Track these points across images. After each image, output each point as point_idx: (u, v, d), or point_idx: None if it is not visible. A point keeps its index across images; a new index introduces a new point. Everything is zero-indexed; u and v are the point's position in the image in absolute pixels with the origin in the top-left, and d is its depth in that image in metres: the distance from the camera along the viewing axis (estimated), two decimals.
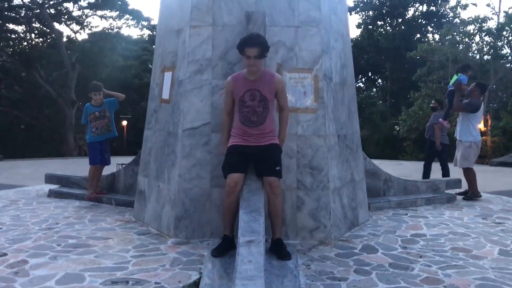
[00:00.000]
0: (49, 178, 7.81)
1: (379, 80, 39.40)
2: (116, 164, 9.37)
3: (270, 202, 4.18)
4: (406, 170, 12.70)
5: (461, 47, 25.40)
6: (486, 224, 5.77)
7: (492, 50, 24.75)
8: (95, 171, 6.92)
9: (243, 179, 4.17)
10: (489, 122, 25.04)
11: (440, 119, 8.52)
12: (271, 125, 4.37)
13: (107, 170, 7.35)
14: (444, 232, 5.32)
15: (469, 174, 7.54)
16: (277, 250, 4.13)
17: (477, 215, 6.25)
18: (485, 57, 25.92)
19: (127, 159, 8.47)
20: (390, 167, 10.04)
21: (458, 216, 6.20)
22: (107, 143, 7.06)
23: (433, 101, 9.99)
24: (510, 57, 25.50)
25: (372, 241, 4.89)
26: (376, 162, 7.43)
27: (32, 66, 24.90)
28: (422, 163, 9.90)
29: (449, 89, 8.19)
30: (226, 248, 4.14)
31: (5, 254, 4.32)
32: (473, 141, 7.35)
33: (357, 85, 36.56)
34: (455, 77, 7.92)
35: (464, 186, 7.78)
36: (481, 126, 24.65)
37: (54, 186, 7.68)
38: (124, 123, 31.11)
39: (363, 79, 38.64)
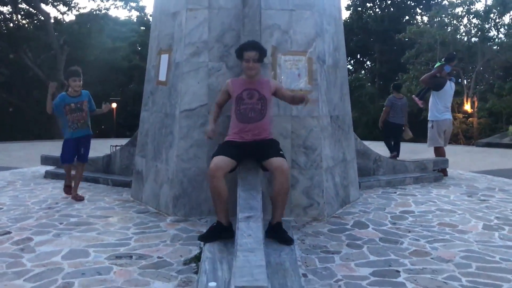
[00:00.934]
0: (45, 160, 7.90)
1: (368, 62, 39.61)
2: (110, 146, 9.48)
3: (278, 182, 3.94)
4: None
5: (449, 29, 25.63)
6: (472, 201, 6.01)
7: (479, 33, 25.02)
8: (69, 168, 6.03)
9: (229, 166, 3.98)
10: (476, 104, 25.43)
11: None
12: (269, 125, 4.34)
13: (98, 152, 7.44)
14: (432, 209, 5.55)
15: (437, 153, 7.87)
16: (277, 234, 3.97)
17: (463, 193, 6.50)
18: (473, 39, 26.21)
19: (119, 141, 8.57)
20: (379, 148, 10.22)
21: (445, 194, 6.44)
22: (87, 139, 6.07)
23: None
24: (497, 40, 25.75)
25: (363, 218, 5.10)
26: (365, 143, 7.65)
27: (20, 48, 24.61)
28: (410, 144, 10.19)
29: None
30: (216, 235, 3.93)
31: (9, 232, 4.46)
32: (434, 120, 7.61)
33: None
34: (438, 64, 8.13)
35: (451, 164, 8.05)
36: (468, 108, 25.04)
37: (50, 168, 7.78)
38: (114, 105, 30.97)
39: (352, 61, 38.79)
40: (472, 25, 25.62)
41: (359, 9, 35.90)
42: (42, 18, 26.27)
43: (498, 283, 3.37)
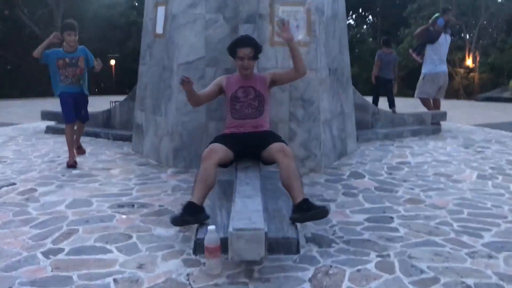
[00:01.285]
0: (45, 115, 7.96)
1: (370, 17, 38.91)
2: (109, 101, 9.51)
3: (283, 167, 3.38)
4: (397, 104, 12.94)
5: None
6: (468, 152, 6.10)
7: None
8: (72, 131, 5.49)
9: (224, 154, 3.54)
10: (478, 59, 25.18)
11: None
12: (267, 122, 3.97)
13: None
14: (428, 160, 5.65)
15: (425, 105, 8.19)
16: (310, 208, 3.21)
17: (459, 145, 6.58)
18: None
19: (119, 98, 8.59)
20: (379, 104, 10.26)
21: (442, 146, 6.52)
22: (84, 98, 5.63)
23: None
24: None
25: (359, 169, 5.20)
26: (366, 99, 7.70)
27: (15, 4, 24.17)
28: (410, 99, 10.23)
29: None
30: (190, 216, 3.22)
31: (14, 184, 4.57)
32: (427, 72, 7.77)
33: (347, 22, 36.07)
34: (434, 17, 8.12)
35: (449, 118, 8.11)
36: (470, 63, 24.82)
37: (50, 123, 7.84)
38: (112, 62, 30.71)
39: (354, 16, 38.10)
40: None
41: None
42: None
43: (488, 227, 3.49)
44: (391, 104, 9.11)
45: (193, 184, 3.37)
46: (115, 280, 2.67)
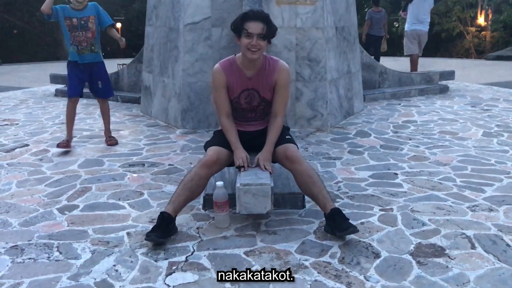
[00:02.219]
0: (54, 78, 8.02)
1: None
2: (117, 64, 9.53)
3: (297, 175, 2.89)
4: (403, 65, 12.82)
5: None
6: (474, 110, 6.11)
7: None
8: (72, 107, 4.71)
9: (227, 162, 3.01)
10: (490, 16, 24.60)
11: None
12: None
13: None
14: (434, 118, 5.67)
15: (412, 62, 8.47)
16: (337, 222, 2.71)
17: (467, 104, 6.58)
18: None
19: (126, 61, 8.60)
20: (387, 63, 10.17)
21: (448, 104, 6.53)
22: (100, 68, 4.72)
23: None
24: None
25: (365, 127, 5.25)
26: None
27: None
28: (420, 58, 10.16)
29: None
30: (164, 231, 2.70)
31: (27, 145, 4.69)
32: (406, 30, 8.20)
33: None
34: None
35: (458, 77, 8.07)
36: (482, 21, 24.24)
37: (59, 86, 7.91)
38: (118, 25, 30.41)
39: None
40: None
41: None
42: None
43: (490, 182, 3.56)
44: (377, 60, 9.30)
45: (178, 185, 2.90)
46: (128, 234, 2.80)
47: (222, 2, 5.06)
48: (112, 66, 10.18)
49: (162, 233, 2.67)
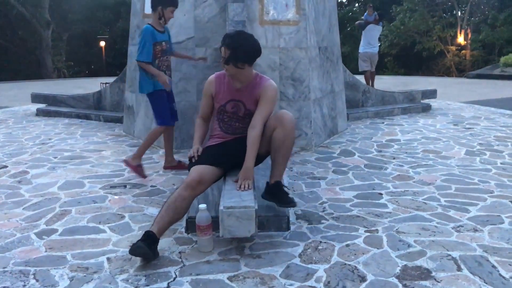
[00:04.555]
0: (36, 97, 7.91)
1: None
2: (100, 83, 9.45)
3: (281, 131, 2.99)
4: (386, 84, 12.99)
5: None
6: (457, 129, 6.17)
7: None
8: (169, 135, 4.44)
9: (214, 180, 3.01)
10: (469, 36, 25.15)
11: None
12: None
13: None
14: (417, 137, 5.71)
15: (365, 78, 9.51)
16: (279, 196, 3.11)
17: (449, 122, 6.65)
18: None
19: (109, 79, 8.54)
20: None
21: (431, 123, 6.58)
22: (171, 91, 4.41)
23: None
24: None
25: (349, 147, 5.25)
26: (357, 77, 7.78)
27: None
28: (402, 77, 10.38)
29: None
30: (148, 248, 2.63)
31: (5, 166, 4.58)
32: (360, 52, 9.46)
33: (339, 0, 35.74)
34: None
35: (440, 95, 8.18)
36: (461, 40, 24.76)
37: (41, 105, 7.80)
38: (102, 44, 30.37)
39: None
40: None
41: None
42: None
43: (475, 202, 3.56)
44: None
45: (162, 206, 2.84)
46: (108, 259, 2.71)
47: (206, 22, 5.06)
48: (95, 85, 10.12)
49: (148, 247, 2.60)
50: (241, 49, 2.99)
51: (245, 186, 2.95)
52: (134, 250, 2.60)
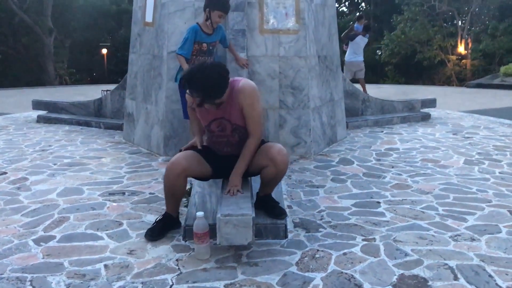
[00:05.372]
0: (37, 104, 7.94)
1: (363, 4, 38.74)
2: (101, 90, 9.48)
3: (269, 172, 3.00)
4: (386, 92, 13.03)
5: None
6: (456, 138, 6.18)
7: None
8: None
9: (198, 166, 3.02)
10: (470, 45, 25.23)
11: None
12: None
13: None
14: (416, 146, 5.71)
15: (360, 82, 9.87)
16: (268, 207, 3.18)
17: (448, 131, 6.66)
18: None
19: (111, 87, 8.56)
20: (371, 91, 10.35)
21: (430, 132, 6.59)
22: None
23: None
24: None
25: (348, 155, 5.26)
26: (357, 86, 7.83)
27: None
28: (402, 86, 10.46)
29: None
30: (163, 229, 3.10)
31: (5, 173, 4.59)
32: (346, 61, 9.78)
33: (340, 9, 35.93)
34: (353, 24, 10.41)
35: (439, 105, 8.20)
36: (462, 49, 24.82)
37: (42, 112, 7.83)
38: (104, 51, 30.51)
39: (347, 3, 37.93)
40: None
41: None
42: None
43: (472, 211, 3.57)
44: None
45: (164, 193, 3.10)
46: (105, 266, 2.72)
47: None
48: (96, 92, 10.16)
49: (159, 232, 3.05)
50: (210, 86, 2.77)
51: (233, 192, 2.98)
52: (153, 236, 3.03)
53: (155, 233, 3.06)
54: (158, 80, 5.32)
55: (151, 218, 3.40)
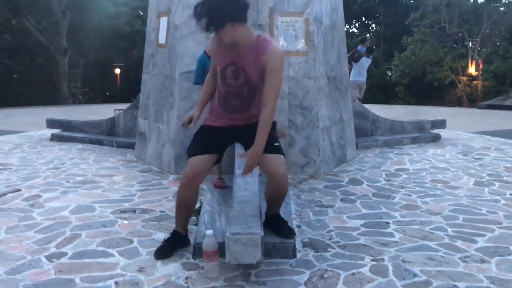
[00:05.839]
0: (51, 123, 8.08)
1: (373, 25, 39.02)
2: (114, 109, 9.62)
3: (272, 188, 3.06)
4: (396, 113, 13.04)
5: None
6: (466, 159, 6.17)
7: None
8: None
9: (209, 167, 3.09)
10: (481, 66, 25.22)
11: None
12: (258, 115, 2.92)
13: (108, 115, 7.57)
14: (426, 167, 5.71)
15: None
16: (277, 226, 3.20)
17: (458, 152, 6.65)
18: (479, 0, 25.75)
19: (124, 106, 8.69)
20: (381, 111, 10.38)
21: (440, 153, 6.59)
22: None
23: None
24: (504, 0, 25.30)
25: (358, 175, 5.27)
26: (367, 106, 7.87)
27: (22, 13, 24.45)
28: (413, 107, 10.53)
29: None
30: (172, 247, 3.16)
31: (19, 190, 4.67)
32: (351, 80, 9.82)
33: (350, 30, 36.19)
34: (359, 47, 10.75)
35: (450, 126, 8.20)
36: (473, 70, 24.79)
37: (55, 131, 7.95)
38: (117, 71, 30.97)
39: (357, 24, 38.23)
40: None
41: None
42: None
43: (482, 232, 3.56)
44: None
45: (176, 208, 3.15)
46: (116, 283, 2.75)
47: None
48: (109, 111, 10.30)
49: (167, 251, 3.13)
50: (215, 7, 2.66)
51: (251, 171, 2.95)
52: (162, 255, 3.09)
53: (164, 252, 3.12)
54: (170, 100, 5.41)
55: (161, 236, 3.44)
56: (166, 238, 3.22)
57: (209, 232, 2.86)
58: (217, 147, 3.09)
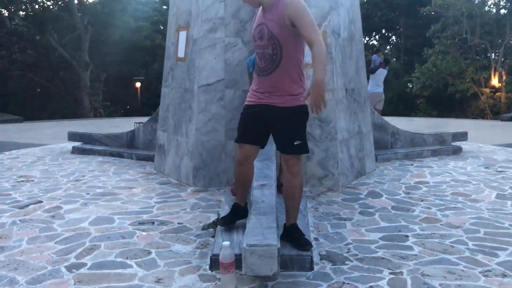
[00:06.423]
0: (72, 136, 8.23)
1: (393, 37, 38.89)
2: (134, 122, 9.75)
3: (286, 180, 3.27)
4: (417, 126, 12.92)
5: (476, 1, 24.91)
6: (488, 172, 6.06)
7: (509, 4, 24.25)
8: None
9: (257, 153, 3.41)
10: (504, 78, 24.83)
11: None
12: (289, 78, 3.09)
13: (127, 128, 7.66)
14: (447, 179, 5.63)
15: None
16: (294, 238, 3.22)
17: (480, 165, 6.54)
18: (502, 11, 25.46)
19: (144, 119, 8.80)
20: (402, 123, 10.30)
21: (462, 166, 6.49)
22: None
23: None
24: None
25: (377, 188, 5.23)
26: (388, 119, 7.83)
27: (45, 29, 25.08)
28: (434, 119, 10.47)
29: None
30: (233, 217, 3.56)
31: (40, 202, 4.76)
32: (369, 92, 9.62)
33: (370, 43, 36.11)
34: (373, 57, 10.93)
35: (472, 138, 8.08)
36: (496, 82, 24.43)
37: (77, 144, 8.10)
38: (138, 84, 31.43)
39: (377, 37, 38.15)
40: None
41: None
42: None
43: (504, 246, 3.48)
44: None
45: (234, 182, 3.73)
46: None
47: (235, 65, 5.25)
48: (130, 124, 10.46)
49: (230, 220, 3.53)
50: None
51: (320, 105, 2.97)
52: (225, 223, 3.51)
53: (227, 221, 3.54)
54: (189, 113, 5.47)
55: (179, 248, 3.46)
56: (230, 208, 3.64)
57: (226, 243, 2.87)
58: (257, 141, 3.35)
